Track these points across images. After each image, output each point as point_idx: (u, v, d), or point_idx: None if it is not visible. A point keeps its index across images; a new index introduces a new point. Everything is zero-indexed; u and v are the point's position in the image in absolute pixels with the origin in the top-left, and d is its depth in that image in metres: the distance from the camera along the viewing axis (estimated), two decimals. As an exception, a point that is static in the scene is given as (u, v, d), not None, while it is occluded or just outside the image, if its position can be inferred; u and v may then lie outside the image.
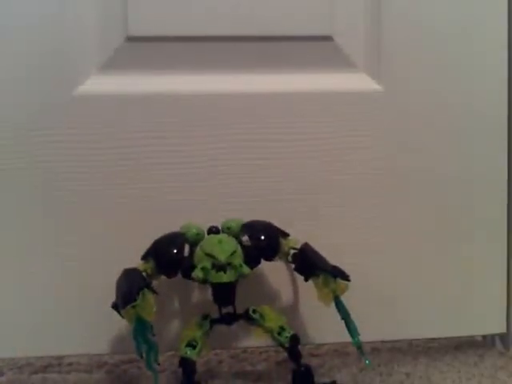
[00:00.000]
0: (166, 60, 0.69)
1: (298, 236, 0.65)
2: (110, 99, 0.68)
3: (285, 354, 0.66)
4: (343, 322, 0.60)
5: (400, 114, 0.71)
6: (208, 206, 0.70)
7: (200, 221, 0.65)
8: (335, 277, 0.60)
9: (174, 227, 0.64)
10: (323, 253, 0.64)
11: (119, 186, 0.69)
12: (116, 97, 0.68)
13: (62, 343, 0.70)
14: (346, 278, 0.61)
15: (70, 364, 0.73)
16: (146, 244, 0.63)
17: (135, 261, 0.62)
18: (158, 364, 0.56)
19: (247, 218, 0.66)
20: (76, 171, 0.68)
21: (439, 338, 0.78)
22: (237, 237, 0.63)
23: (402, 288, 0.74)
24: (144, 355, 0.55)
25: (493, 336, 0.78)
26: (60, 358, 0.73)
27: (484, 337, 0.79)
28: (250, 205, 0.70)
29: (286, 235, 0.65)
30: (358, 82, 0.71)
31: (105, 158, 0.69)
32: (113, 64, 0.68)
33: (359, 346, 0.60)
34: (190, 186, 0.70)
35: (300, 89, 0.70)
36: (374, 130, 0.71)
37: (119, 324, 0.66)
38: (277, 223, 0.65)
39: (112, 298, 0.59)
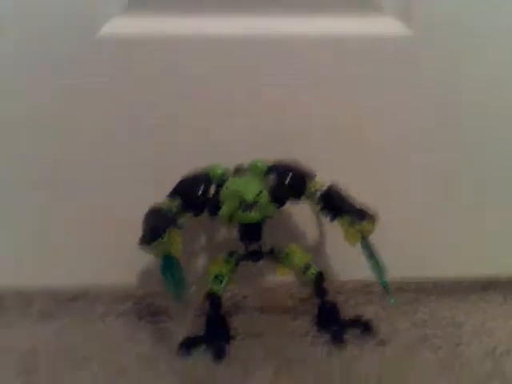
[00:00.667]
0: (192, 1, 0.68)
1: (323, 177, 0.65)
2: (133, 41, 0.67)
3: (309, 291, 0.68)
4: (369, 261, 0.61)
5: (429, 60, 0.69)
6: (234, 145, 0.70)
7: (226, 161, 0.65)
8: (362, 218, 0.60)
9: (200, 166, 0.65)
10: (348, 193, 0.64)
11: (144, 126, 0.69)
12: (140, 38, 0.67)
13: (89, 274, 0.73)
14: (372, 218, 0.61)
15: (98, 295, 0.74)
16: (172, 180, 0.63)
17: (161, 196, 0.63)
18: (185, 298, 0.58)
19: (274, 158, 0.66)
20: (100, 119, 0.69)
21: (464, 278, 0.78)
22: (263, 177, 0.64)
23: (427, 228, 0.74)
24: (171, 289, 0.57)
25: (518, 277, 0.78)
26: (88, 288, 0.75)
27: (509, 278, 0.79)
28: (277, 146, 0.70)
29: (312, 176, 0.65)
30: (385, 25, 0.68)
31: (129, 100, 0.69)
32: (137, 4, 0.67)
33: (385, 285, 0.60)
34: (216, 125, 0.70)
35: (325, 33, 0.68)
36: (402, 76, 0.69)
37: (146, 258, 0.67)
38: (303, 163, 0.65)
39: (139, 232, 0.60)
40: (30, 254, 0.73)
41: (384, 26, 0.68)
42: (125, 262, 0.71)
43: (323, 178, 0.65)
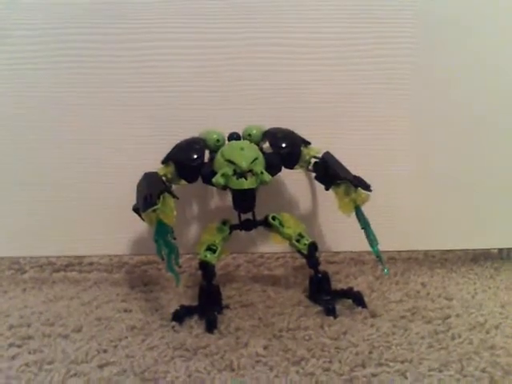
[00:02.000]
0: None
1: (317, 144, 0.65)
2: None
3: (301, 260, 0.67)
4: (362, 231, 0.60)
5: (432, 27, 0.69)
6: (228, 112, 0.69)
7: (220, 127, 0.64)
8: (356, 186, 0.60)
9: (193, 133, 0.64)
10: (344, 162, 0.63)
11: (135, 87, 0.69)
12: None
13: (82, 244, 0.72)
14: (367, 187, 0.60)
15: (91, 264, 0.74)
16: (167, 148, 0.62)
17: (155, 165, 0.62)
18: (179, 266, 0.57)
19: (268, 125, 0.65)
20: (93, 72, 0.68)
21: (455, 250, 0.78)
22: (258, 144, 0.63)
23: (419, 199, 0.74)
24: (165, 257, 0.56)
25: (509, 249, 0.79)
26: (81, 257, 0.74)
27: (500, 250, 0.80)
28: (272, 112, 0.69)
29: (307, 143, 0.65)
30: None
31: (121, 56, 0.68)
32: None
33: (378, 255, 0.60)
34: (210, 91, 0.69)
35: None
36: (407, 36, 0.69)
37: (139, 226, 0.67)
38: (298, 131, 0.65)
39: (133, 200, 0.60)
40: (23, 225, 0.72)
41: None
42: (118, 230, 0.71)
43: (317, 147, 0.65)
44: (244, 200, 0.61)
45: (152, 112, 0.69)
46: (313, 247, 0.64)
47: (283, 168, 0.63)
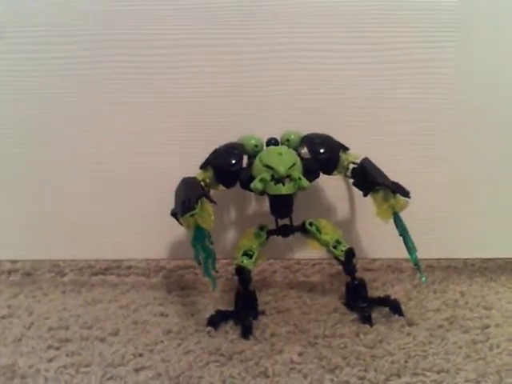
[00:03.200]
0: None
1: (357, 151, 0.64)
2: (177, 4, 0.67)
3: (338, 267, 0.67)
4: (400, 238, 0.60)
5: (474, 27, 0.68)
6: (266, 117, 0.69)
7: (258, 132, 0.64)
8: (395, 193, 0.59)
9: (232, 138, 0.64)
10: (383, 168, 0.63)
11: (175, 92, 0.69)
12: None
13: (121, 248, 0.73)
14: (406, 194, 0.60)
15: (129, 267, 0.75)
16: (205, 154, 0.63)
17: (193, 170, 0.63)
18: (216, 271, 0.57)
19: (306, 130, 0.65)
20: (123, 77, 0.69)
21: (495, 259, 0.77)
22: (296, 149, 0.63)
23: (459, 207, 0.73)
24: (202, 262, 0.56)
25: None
26: (119, 261, 0.75)
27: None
28: (310, 117, 0.69)
29: (345, 149, 0.65)
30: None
31: (157, 61, 0.69)
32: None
33: (416, 263, 0.59)
34: (248, 96, 0.69)
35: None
36: (447, 41, 0.68)
37: (177, 231, 0.67)
38: (337, 137, 0.64)
39: (171, 204, 0.60)
40: (63, 229, 0.73)
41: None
42: (156, 235, 0.72)
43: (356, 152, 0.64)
44: (281, 205, 0.61)
45: (191, 117, 0.70)
46: (350, 254, 0.64)
47: (321, 174, 0.63)
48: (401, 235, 0.60)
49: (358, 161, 0.63)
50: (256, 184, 0.58)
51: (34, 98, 0.70)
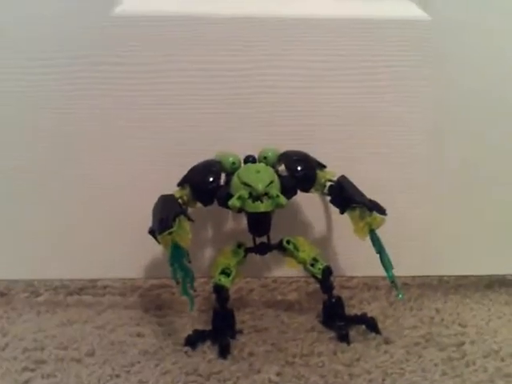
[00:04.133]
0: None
1: (333, 168, 0.65)
2: (147, 19, 0.67)
3: (315, 285, 0.67)
4: (377, 255, 0.60)
5: (446, 44, 0.69)
6: (243, 134, 0.69)
7: (236, 150, 0.64)
8: (372, 210, 0.60)
9: (209, 155, 0.65)
10: (359, 187, 0.63)
11: (152, 108, 0.69)
12: (154, 17, 0.67)
13: (96, 267, 0.73)
14: (382, 211, 0.60)
15: (105, 287, 0.74)
16: (182, 171, 0.63)
17: (171, 188, 0.62)
18: (194, 290, 0.57)
19: (284, 148, 0.65)
20: (111, 93, 0.68)
21: (469, 276, 0.78)
22: (273, 167, 0.63)
23: (434, 224, 0.74)
24: (179, 281, 0.56)
25: (524, 276, 0.78)
26: (94, 281, 0.74)
27: (515, 276, 0.79)
28: (288, 135, 0.69)
29: (323, 167, 0.65)
30: (404, 9, 0.69)
31: (139, 78, 0.68)
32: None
33: (393, 280, 0.60)
34: (225, 113, 0.69)
35: (344, 14, 0.68)
36: (420, 60, 0.69)
37: (154, 249, 0.67)
38: (314, 154, 0.65)
39: (148, 223, 0.60)
40: (38, 248, 0.72)
41: (402, 9, 0.69)
42: (132, 253, 0.71)
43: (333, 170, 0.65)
44: (259, 223, 0.61)
45: (167, 135, 0.69)
46: (327, 271, 0.64)
47: (298, 191, 0.63)
48: (378, 253, 0.60)
49: (335, 178, 0.64)
50: (234, 201, 0.58)
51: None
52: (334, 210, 0.63)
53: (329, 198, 0.64)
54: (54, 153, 0.69)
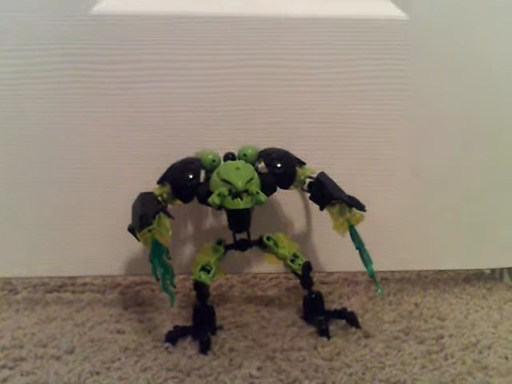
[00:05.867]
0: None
1: (312, 165, 0.65)
2: (126, 18, 0.66)
3: (295, 281, 0.68)
4: (357, 251, 0.61)
5: (425, 44, 0.69)
6: (223, 132, 0.69)
7: (215, 147, 0.65)
8: (351, 206, 0.60)
9: (189, 153, 0.65)
10: (338, 183, 0.64)
11: (132, 107, 0.69)
12: (132, 16, 0.66)
13: (76, 264, 0.72)
14: (361, 208, 0.60)
15: (84, 284, 0.74)
16: (162, 168, 0.63)
17: (150, 185, 0.62)
18: (174, 286, 0.57)
19: (263, 145, 0.65)
20: (89, 91, 0.68)
21: (447, 270, 0.78)
22: (253, 164, 0.63)
23: (412, 220, 0.74)
24: (160, 277, 0.56)
25: (501, 269, 0.79)
26: (74, 278, 0.74)
27: (492, 270, 0.80)
28: (267, 132, 0.69)
29: (302, 164, 0.65)
30: (383, 9, 0.69)
31: (119, 77, 0.68)
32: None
33: (372, 275, 0.60)
34: (205, 111, 0.69)
35: (323, 14, 0.68)
36: (398, 59, 0.69)
37: (133, 246, 0.67)
38: (293, 152, 0.65)
39: (127, 220, 0.60)
40: (16, 245, 0.71)
41: (381, 9, 0.69)
42: (112, 251, 0.71)
43: (312, 167, 0.65)
44: (239, 220, 0.61)
45: (147, 132, 0.69)
46: (307, 267, 0.64)
47: (278, 188, 0.63)
48: (357, 248, 0.61)
49: (315, 175, 0.64)
50: (213, 198, 0.58)
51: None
52: (314, 206, 0.64)
53: (308, 194, 0.65)
54: (32, 150, 0.69)
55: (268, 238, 0.64)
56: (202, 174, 0.63)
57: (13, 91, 0.67)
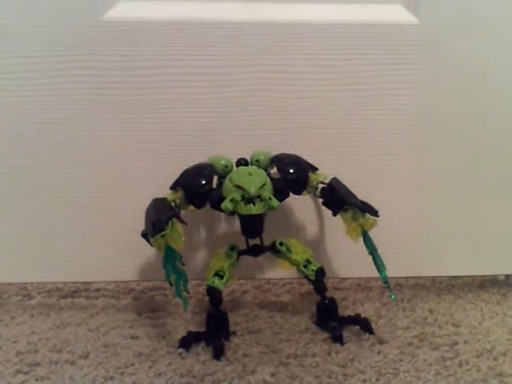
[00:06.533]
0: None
1: (324, 170, 0.65)
2: (137, 25, 0.67)
3: (308, 286, 0.68)
4: (369, 256, 0.60)
5: (435, 48, 0.69)
6: (236, 138, 0.70)
7: (228, 153, 0.65)
8: (364, 212, 0.60)
9: (201, 158, 0.65)
10: (350, 188, 0.63)
11: (144, 113, 0.69)
12: (143, 22, 0.67)
13: (90, 270, 0.72)
14: (374, 213, 0.60)
15: (98, 290, 0.74)
16: (175, 174, 0.63)
17: (163, 191, 0.63)
18: (188, 292, 0.57)
19: (276, 151, 0.65)
20: (100, 98, 0.68)
21: (462, 276, 0.78)
22: (265, 169, 0.63)
23: (427, 225, 0.74)
24: (173, 283, 0.56)
25: (516, 275, 0.78)
26: (87, 283, 0.74)
27: (507, 276, 0.79)
28: (279, 138, 0.69)
29: (315, 169, 0.65)
30: (393, 13, 0.69)
31: (131, 82, 0.68)
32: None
33: (386, 281, 0.60)
34: (217, 117, 0.69)
35: (335, 19, 0.68)
36: (409, 63, 0.69)
37: (147, 252, 0.67)
38: (304, 156, 0.65)
39: (141, 226, 0.60)
40: (31, 251, 0.72)
41: (392, 13, 0.69)
42: (125, 256, 0.71)
43: (325, 172, 0.65)
44: (252, 225, 0.62)
45: (159, 138, 0.69)
46: (320, 273, 0.64)
47: (291, 193, 0.63)
48: (370, 254, 0.60)
49: (327, 180, 0.64)
50: (226, 204, 0.58)
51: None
52: (327, 211, 0.64)
53: (321, 200, 0.65)
54: (47, 156, 0.69)
55: (281, 244, 0.64)
56: (215, 179, 0.63)
57: (31, 97, 0.68)
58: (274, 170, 0.64)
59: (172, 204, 0.61)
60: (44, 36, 0.66)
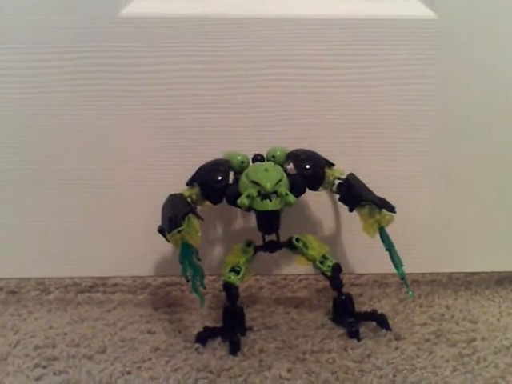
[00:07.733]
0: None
1: (341, 166, 0.65)
2: (154, 21, 0.67)
3: (324, 282, 0.67)
4: (387, 253, 0.60)
5: (453, 43, 0.69)
6: (252, 134, 0.70)
7: (244, 149, 0.65)
8: (381, 208, 0.60)
9: (217, 155, 0.65)
10: (367, 184, 0.63)
11: (160, 109, 0.69)
12: (160, 19, 0.67)
13: (106, 265, 0.73)
14: (391, 209, 0.60)
15: (115, 285, 0.74)
16: (191, 169, 0.63)
17: (180, 186, 0.63)
18: (204, 287, 0.57)
19: (292, 146, 0.65)
20: (116, 94, 0.69)
21: (479, 273, 0.77)
22: (282, 165, 0.63)
23: (444, 222, 0.74)
24: (189, 278, 0.56)
25: (534, 272, 0.78)
26: (105, 278, 0.75)
27: (525, 273, 0.79)
28: (295, 133, 0.69)
29: (331, 165, 0.65)
30: (410, 8, 0.69)
31: (147, 78, 0.68)
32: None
33: (403, 277, 0.60)
34: (233, 113, 0.70)
35: (352, 14, 0.68)
36: (427, 58, 0.69)
37: (163, 247, 0.68)
38: (322, 153, 0.65)
39: (157, 221, 0.60)
40: (48, 246, 0.72)
41: (409, 8, 0.69)
42: (142, 252, 0.72)
43: (341, 168, 0.65)
44: (268, 221, 0.61)
45: (175, 135, 0.70)
46: (337, 269, 0.64)
47: (307, 189, 0.63)
48: (387, 250, 0.60)
49: (344, 176, 0.64)
50: (242, 200, 0.58)
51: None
52: (343, 207, 0.64)
53: (338, 195, 0.64)
54: (63, 150, 0.70)
55: (297, 240, 0.64)
56: (231, 175, 0.63)
57: (41, 94, 0.68)
58: (290, 166, 0.64)
59: (188, 200, 0.61)
60: (60, 32, 0.66)
